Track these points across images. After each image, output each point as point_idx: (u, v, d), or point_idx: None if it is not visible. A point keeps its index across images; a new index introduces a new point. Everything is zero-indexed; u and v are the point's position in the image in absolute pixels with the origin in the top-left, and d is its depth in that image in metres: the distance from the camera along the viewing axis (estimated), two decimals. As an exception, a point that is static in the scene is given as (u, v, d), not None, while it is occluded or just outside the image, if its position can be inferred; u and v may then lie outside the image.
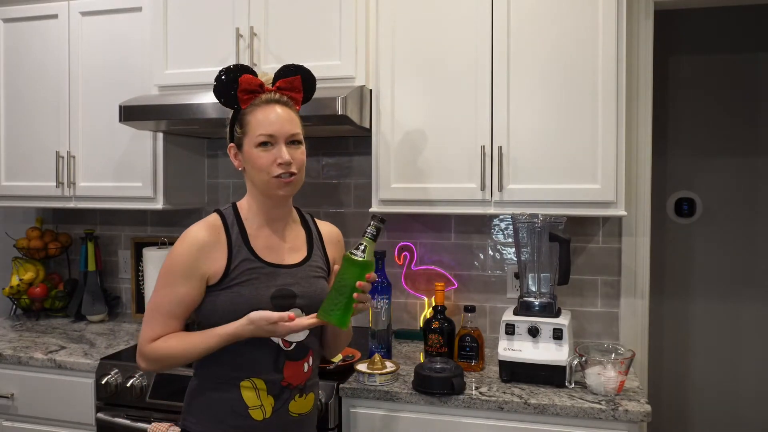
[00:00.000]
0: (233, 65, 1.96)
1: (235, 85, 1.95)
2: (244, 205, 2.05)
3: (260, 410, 1.94)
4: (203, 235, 1.92)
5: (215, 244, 1.93)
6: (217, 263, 1.92)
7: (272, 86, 2.00)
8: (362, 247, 1.88)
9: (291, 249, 2.06)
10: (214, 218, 1.98)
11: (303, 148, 2.00)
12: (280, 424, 1.98)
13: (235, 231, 1.98)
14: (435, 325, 2.85)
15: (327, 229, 2.21)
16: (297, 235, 2.11)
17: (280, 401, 1.97)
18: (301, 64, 2.06)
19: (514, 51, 2.80)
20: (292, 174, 1.95)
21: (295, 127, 1.98)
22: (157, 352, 1.90)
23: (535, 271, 2.74)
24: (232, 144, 2.03)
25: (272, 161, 1.92)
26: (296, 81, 2.02)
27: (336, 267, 1.93)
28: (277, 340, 1.94)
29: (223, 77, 1.95)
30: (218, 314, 1.91)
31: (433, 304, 2.92)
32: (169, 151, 3.36)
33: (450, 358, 2.81)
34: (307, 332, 2.00)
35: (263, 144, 1.92)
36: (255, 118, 1.94)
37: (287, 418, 1.99)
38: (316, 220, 2.22)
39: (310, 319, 1.88)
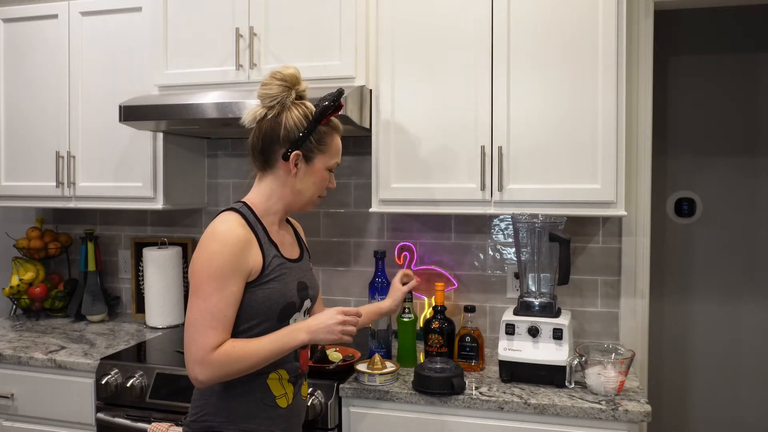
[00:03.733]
0: (340, 90, 2.05)
1: (339, 108, 2.06)
2: (257, 204, 2.08)
3: (285, 398, 2.07)
4: (242, 232, 1.94)
5: (252, 241, 1.96)
6: (256, 259, 1.96)
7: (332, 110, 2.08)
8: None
9: (291, 244, 2.19)
10: (236, 217, 1.98)
11: None
12: (296, 408, 2.14)
13: (260, 228, 2.02)
14: (435, 325, 2.85)
15: (297, 224, 2.38)
16: (290, 232, 2.25)
17: (297, 387, 2.13)
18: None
19: (514, 52, 2.80)
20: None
21: None
22: (229, 356, 1.86)
23: (535, 271, 2.74)
24: (299, 152, 2.03)
25: (326, 184, 2.15)
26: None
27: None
28: None
29: (334, 98, 2.03)
30: (254, 311, 1.97)
31: (433, 304, 2.93)
32: (169, 151, 3.36)
33: (450, 358, 2.81)
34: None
35: (330, 168, 2.13)
36: (335, 144, 2.12)
37: (300, 402, 2.17)
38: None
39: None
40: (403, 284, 2.76)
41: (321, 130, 2.05)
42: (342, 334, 2.00)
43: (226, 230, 1.92)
